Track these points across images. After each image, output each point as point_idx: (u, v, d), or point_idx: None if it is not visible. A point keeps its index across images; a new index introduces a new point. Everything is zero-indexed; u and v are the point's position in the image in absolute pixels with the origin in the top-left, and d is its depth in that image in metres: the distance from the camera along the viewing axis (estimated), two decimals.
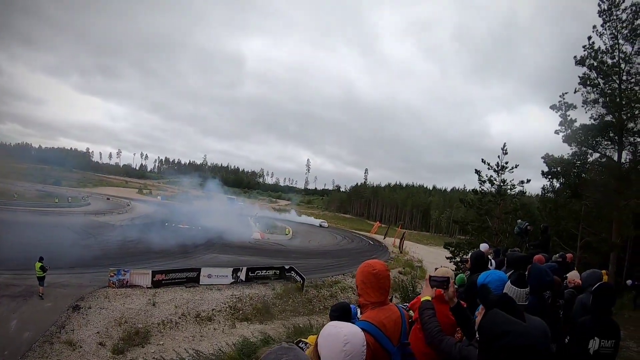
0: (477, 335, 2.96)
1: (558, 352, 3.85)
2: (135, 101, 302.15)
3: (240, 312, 24.32)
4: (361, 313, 2.67)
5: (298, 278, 30.12)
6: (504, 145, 29.06)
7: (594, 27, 21.44)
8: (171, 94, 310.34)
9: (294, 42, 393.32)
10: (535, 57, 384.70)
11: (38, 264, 20.49)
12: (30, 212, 49.62)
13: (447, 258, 32.90)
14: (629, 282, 18.17)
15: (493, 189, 29.91)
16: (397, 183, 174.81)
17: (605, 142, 22.49)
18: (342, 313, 3.68)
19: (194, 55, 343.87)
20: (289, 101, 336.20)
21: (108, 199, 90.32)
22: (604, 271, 14.65)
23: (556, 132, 23.44)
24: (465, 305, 4.84)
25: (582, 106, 22.58)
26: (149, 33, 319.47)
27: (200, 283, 26.23)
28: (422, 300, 2.94)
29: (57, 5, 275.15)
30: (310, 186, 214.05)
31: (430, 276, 3.09)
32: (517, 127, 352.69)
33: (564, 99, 22.87)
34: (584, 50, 21.92)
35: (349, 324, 1.96)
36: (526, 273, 4.61)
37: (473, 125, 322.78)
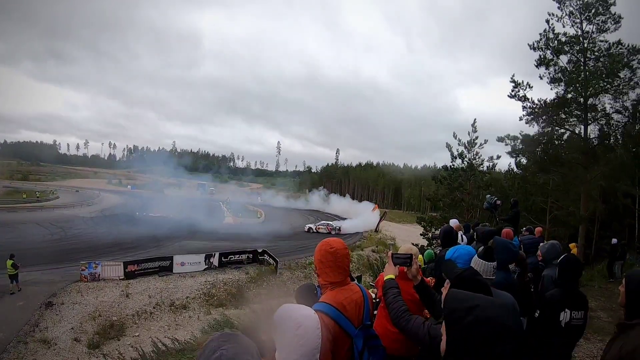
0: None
1: (529, 327, 3.85)
2: (92, 87, 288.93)
3: (215, 298, 24.14)
4: (321, 294, 2.56)
5: (271, 261, 30.09)
6: (474, 122, 29.55)
7: (550, 13, 21.91)
8: (129, 78, 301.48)
9: (250, 14, 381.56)
10: (507, 28, 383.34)
11: (9, 262, 19.93)
12: None
13: (421, 235, 33.27)
14: (614, 240, 18.28)
15: (464, 165, 30.31)
16: (368, 162, 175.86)
17: (572, 119, 22.94)
18: (306, 294, 3.58)
19: (147, 34, 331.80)
20: (251, 81, 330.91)
21: (77, 191, 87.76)
22: (572, 244, 14.95)
23: (520, 118, 23.80)
24: (434, 281, 4.82)
25: (548, 84, 22.95)
26: (98, 11, 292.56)
27: (174, 271, 25.96)
28: (385, 279, 2.84)
29: None
30: (282, 168, 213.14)
31: (392, 254, 3.00)
32: (489, 100, 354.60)
33: (514, 81, 23.12)
34: (541, 36, 22.29)
35: (303, 306, 1.84)
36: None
37: (442, 100, 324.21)
